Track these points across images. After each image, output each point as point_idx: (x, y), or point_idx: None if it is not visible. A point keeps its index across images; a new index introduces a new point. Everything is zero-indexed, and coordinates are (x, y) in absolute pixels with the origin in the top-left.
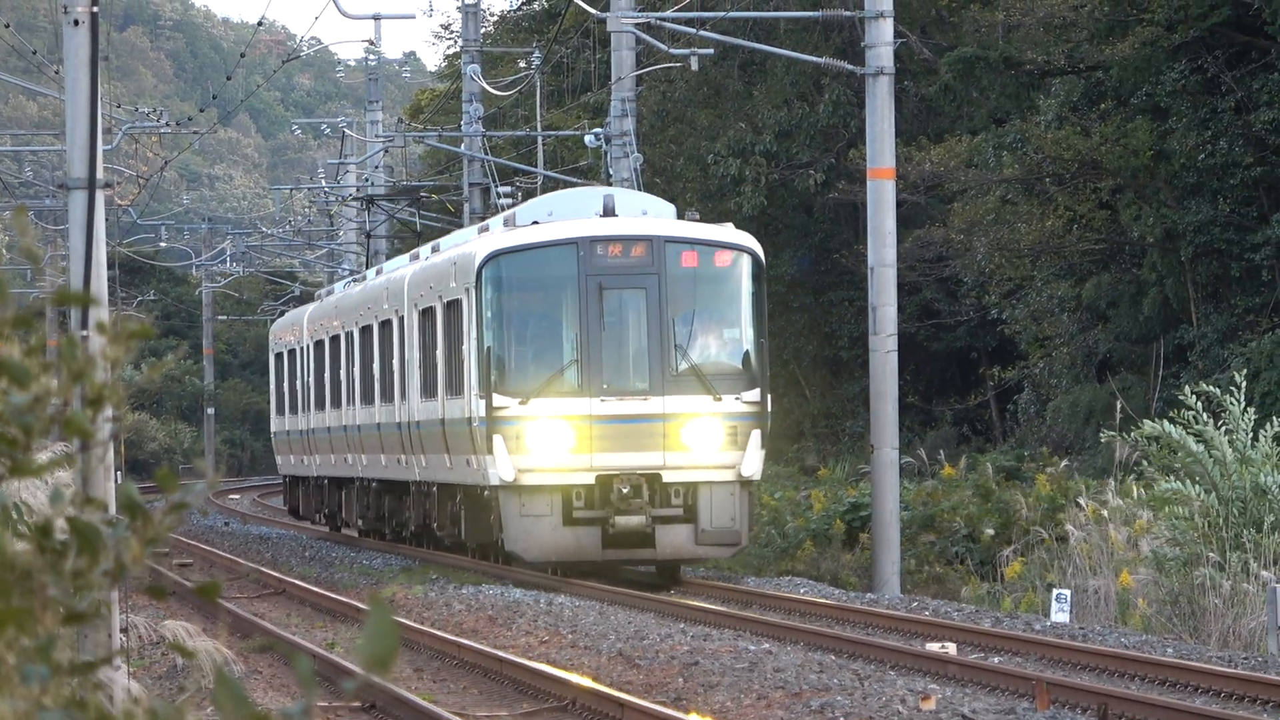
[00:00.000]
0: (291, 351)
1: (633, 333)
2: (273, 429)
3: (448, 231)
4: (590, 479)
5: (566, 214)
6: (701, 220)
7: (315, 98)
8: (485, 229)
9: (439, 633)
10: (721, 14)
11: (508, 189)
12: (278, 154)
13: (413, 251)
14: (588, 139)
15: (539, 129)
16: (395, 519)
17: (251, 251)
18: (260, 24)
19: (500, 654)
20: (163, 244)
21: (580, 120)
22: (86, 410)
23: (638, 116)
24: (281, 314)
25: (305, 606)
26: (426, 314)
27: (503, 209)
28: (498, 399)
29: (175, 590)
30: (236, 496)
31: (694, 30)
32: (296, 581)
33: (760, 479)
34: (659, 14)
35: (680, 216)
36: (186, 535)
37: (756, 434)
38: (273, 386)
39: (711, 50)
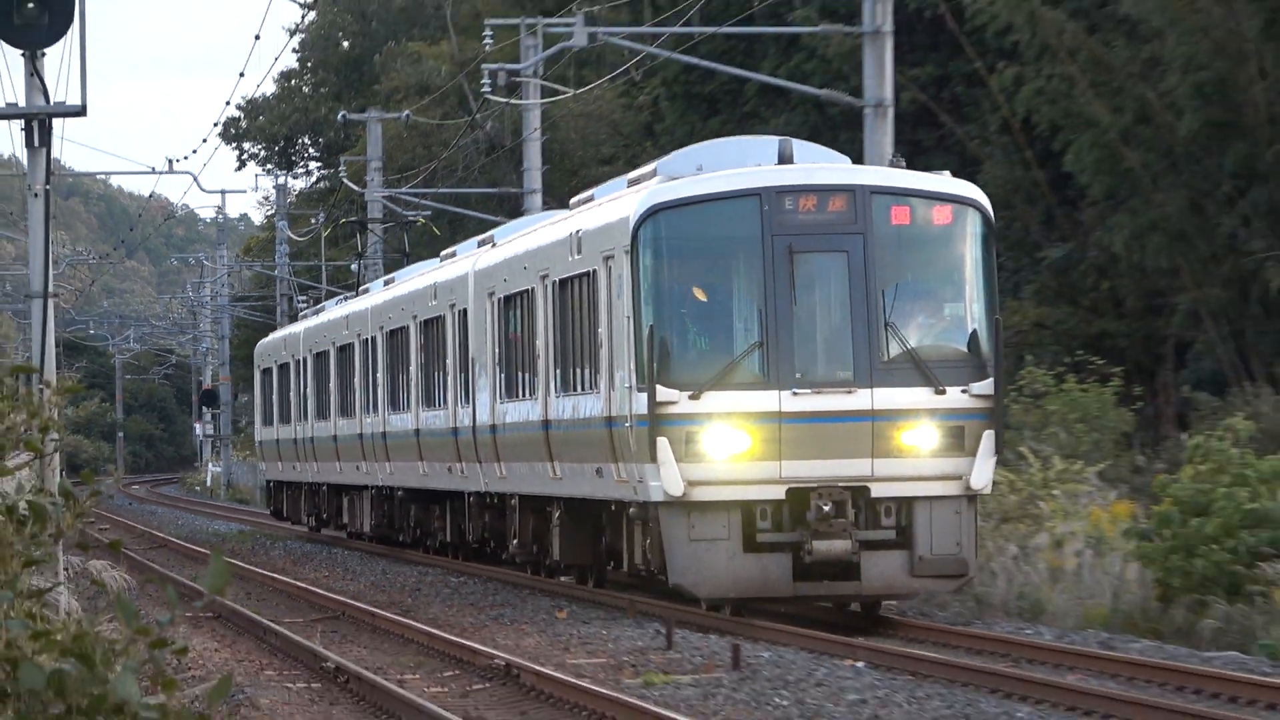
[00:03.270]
0: (283, 365)
1: (832, 308)
2: (259, 438)
3: (272, 327)
4: (779, 493)
5: (724, 166)
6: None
7: (186, 240)
8: (589, 200)
9: (260, 570)
10: (433, 189)
11: (303, 299)
12: (163, 276)
13: (481, 237)
14: (353, 266)
15: (323, 260)
16: (421, 528)
17: (146, 336)
18: (151, 196)
19: (298, 583)
20: (91, 331)
21: (350, 253)
22: (39, 434)
23: (386, 256)
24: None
25: (179, 555)
26: (510, 303)
27: (302, 308)
28: (663, 392)
29: (96, 545)
30: (138, 487)
31: (417, 199)
32: (172, 538)
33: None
34: (396, 190)
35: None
36: (104, 509)
37: (989, 436)
38: (258, 399)
39: (429, 211)
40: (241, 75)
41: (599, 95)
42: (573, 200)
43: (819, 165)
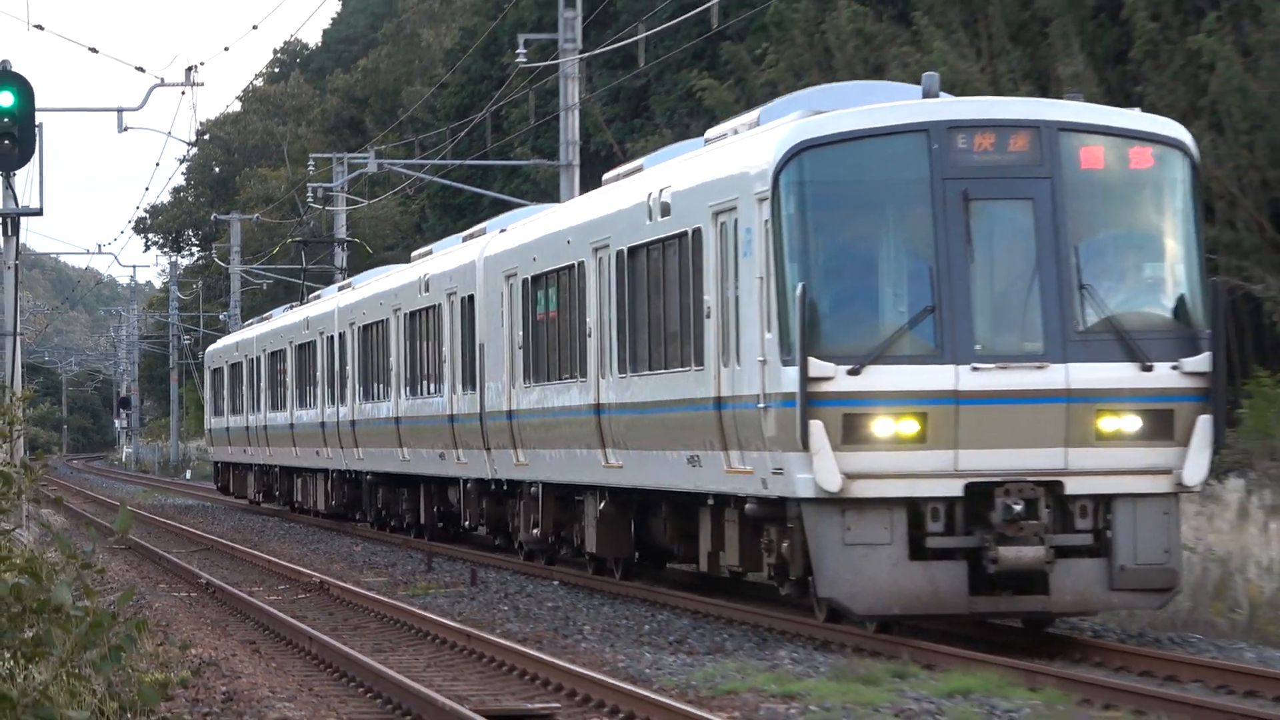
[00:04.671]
0: (234, 365)
1: (1016, 267)
2: (209, 426)
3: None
4: (955, 489)
5: (845, 108)
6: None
7: (110, 298)
8: (635, 169)
9: (155, 517)
10: (274, 265)
11: (188, 338)
12: (94, 322)
13: (467, 232)
14: (222, 316)
15: (200, 312)
16: (388, 509)
17: (82, 362)
18: (86, 268)
19: (181, 526)
20: (45, 358)
21: (222, 309)
22: (7, 426)
23: (241, 309)
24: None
25: (102, 506)
26: (540, 283)
27: (187, 344)
28: (818, 366)
29: (45, 499)
30: (76, 462)
31: (263, 270)
32: (101, 496)
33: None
34: (255, 265)
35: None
36: (52, 477)
37: (1204, 422)
38: (208, 394)
39: (272, 280)
40: (147, 189)
41: (384, 204)
42: (606, 176)
43: (992, 98)
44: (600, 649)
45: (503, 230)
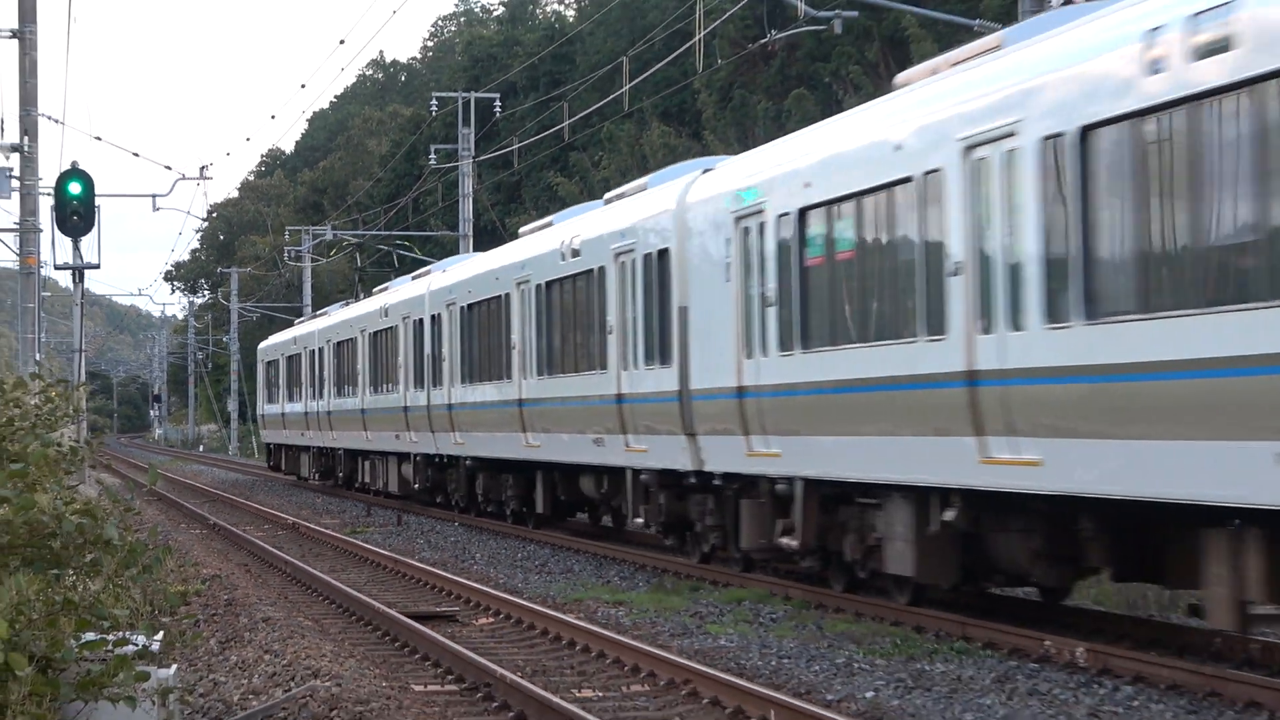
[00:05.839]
0: (291, 357)
1: None
2: (262, 412)
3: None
4: None
5: None
6: None
7: (147, 325)
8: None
9: (177, 476)
10: (263, 304)
11: (201, 353)
12: (137, 343)
13: (613, 193)
14: (225, 339)
15: (210, 335)
16: (489, 495)
17: (126, 369)
18: (130, 305)
19: (195, 483)
20: (102, 366)
21: (224, 334)
22: (73, 410)
23: (239, 333)
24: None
25: (138, 468)
26: (811, 219)
27: (199, 357)
28: None
29: (100, 463)
30: (123, 439)
31: (254, 306)
32: (138, 462)
33: None
34: (248, 304)
35: None
36: (106, 449)
37: None
38: (261, 384)
39: (254, 316)
40: (173, 250)
41: (337, 261)
42: (910, 74)
43: None
44: (487, 570)
45: (706, 170)
